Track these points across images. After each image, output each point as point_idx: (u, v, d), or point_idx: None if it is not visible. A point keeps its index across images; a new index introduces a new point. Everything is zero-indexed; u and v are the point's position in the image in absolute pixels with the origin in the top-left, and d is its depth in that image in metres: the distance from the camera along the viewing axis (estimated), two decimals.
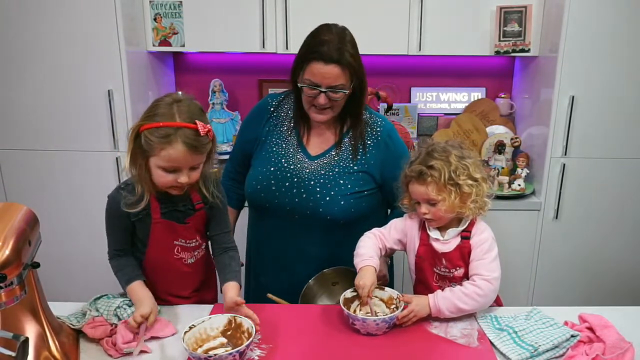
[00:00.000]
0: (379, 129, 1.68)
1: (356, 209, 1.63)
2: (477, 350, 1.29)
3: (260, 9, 2.49)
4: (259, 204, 1.68)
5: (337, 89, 1.53)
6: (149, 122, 1.32)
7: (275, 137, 1.69)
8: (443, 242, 1.45)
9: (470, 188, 1.39)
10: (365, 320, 1.31)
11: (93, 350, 1.29)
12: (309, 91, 1.54)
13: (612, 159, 2.48)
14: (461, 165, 1.40)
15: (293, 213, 1.63)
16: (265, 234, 1.73)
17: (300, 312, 1.47)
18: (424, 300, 1.39)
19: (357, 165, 1.64)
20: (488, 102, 2.89)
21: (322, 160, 1.65)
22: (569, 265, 2.61)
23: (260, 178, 1.66)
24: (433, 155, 1.42)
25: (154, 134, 1.30)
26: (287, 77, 1.65)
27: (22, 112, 2.45)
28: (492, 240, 1.44)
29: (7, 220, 1.12)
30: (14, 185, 2.54)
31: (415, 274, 1.54)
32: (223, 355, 1.17)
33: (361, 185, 1.64)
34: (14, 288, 1.08)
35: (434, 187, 1.39)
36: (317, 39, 1.53)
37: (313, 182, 1.62)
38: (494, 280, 1.39)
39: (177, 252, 1.47)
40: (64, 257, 2.56)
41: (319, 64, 1.50)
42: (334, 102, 1.57)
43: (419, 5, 2.48)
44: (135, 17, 2.48)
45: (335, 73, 1.50)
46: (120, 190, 1.41)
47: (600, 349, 1.24)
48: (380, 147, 1.66)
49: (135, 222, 1.42)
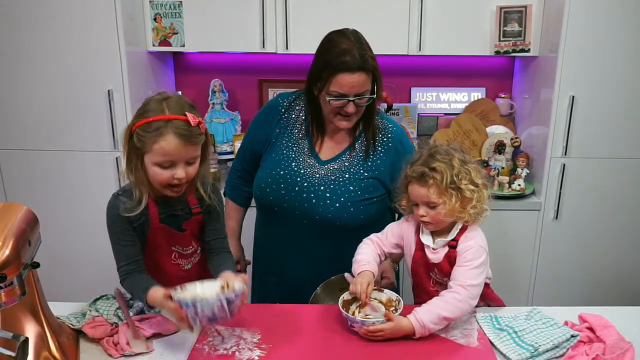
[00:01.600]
0: (390, 135, 1.67)
1: (365, 215, 1.62)
2: (477, 350, 1.29)
3: (260, 9, 2.49)
4: (267, 206, 1.67)
5: (364, 95, 1.52)
6: (139, 120, 1.32)
7: (286, 140, 1.67)
8: (433, 251, 1.43)
9: (472, 193, 1.37)
10: (364, 323, 1.31)
11: (93, 350, 1.29)
12: (336, 102, 1.52)
13: (612, 159, 2.48)
14: (464, 170, 1.37)
15: (302, 217, 1.62)
16: (272, 236, 1.72)
17: (300, 312, 1.47)
18: (404, 322, 1.31)
19: (368, 171, 1.63)
20: (488, 102, 2.89)
21: (332, 165, 1.64)
22: (569, 265, 2.61)
23: (270, 181, 1.64)
24: (436, 157, 1.38)
25: (145, 129, 1.30)
26: (287, 77, 1.66)
27: (22, 112, 2.45)
28: (479, 248, 1.37)
29: (7, 220, 1.12)
30: (14, 185, 2.54)
31: (412, 278, 1.52)
32: (210, 301, 1.20)
33: (371, 192, 1.63)
34: (14, 288, 1.08)
35: (435, 189, 1.36)
36: (338, 50, 1.49)
37: (323, 188, 1.61)
38: (470, 287, 1.33)
39: (174, 258, 1.47)
40: (64, 257, 2.56)
41: (346, 75, 1.48)
42: (360, 108, 1.56)
43: (419, 5, 2.48)
44: (135, 17, 2.48)
45: (362, 80, 1.50)
46: (118, 197, 1.40)
47: (600, 349, 1.24)
48: (391, 153, 1.65)
49: (137, 228, 1.41)
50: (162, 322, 1.36)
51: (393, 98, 2.87)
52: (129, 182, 1.41)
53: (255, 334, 1.33)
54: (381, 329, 1.30)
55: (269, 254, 1.75)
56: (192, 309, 1.21)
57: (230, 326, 1.35)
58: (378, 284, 1.60)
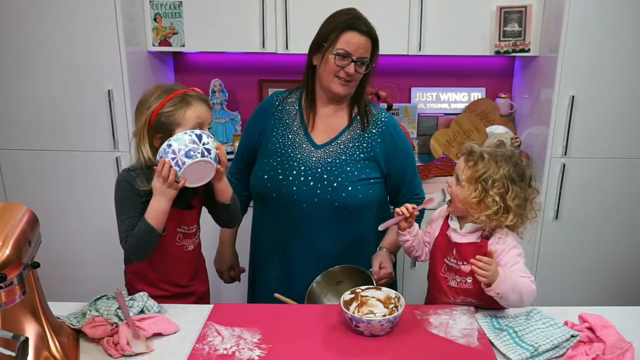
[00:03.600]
0: (383, 120, 1.72)
1: (363, 195, 1.64)
2: (477, 350, 1.29)
3: (260, 9, 2.49)
4: (266, 194, 1.69)
5: (364, 61, 1.60)
6: (159, 102, 1.41)
7: (282, 129, 1.72)
8: (460, 234, 1.46)
9: (494, 205, 1.38)
10: (370, 322, 1.31)
11: (93, 350, 1.29)
12: (340, 61, 1.58)
13: (612, 159, 2.48)
14: (504, 183, 1.38)
15: (301, 202, 1.64)
16: (272, 226, 1.73)
17: (300, 312, 1.47)
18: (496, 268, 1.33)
19: (363, 152, 1.67)
20: (488, 102, 2.89)
21: (328, 148, 1.68)
22: (569, 265, 2.61)
23: (267, 169, 1.68)
24: (497, 153, 1.41)
25: (172, 104, 1.41)
26: (287, 77, 1.67)
27: (22, 112, 2.45)
28: (519, 247, 1.43)
29: (7, 220, 1.12)
30: (14, 185, 2.54)
31: (429, 264, 1.56)
32: (180, 135, 1.34)
33: (368, 173, 1.66)
34: (14, 288, 1.08)
35: (468, 172, 1.41)
36: (349, 15, 1.61)
37: (320, 170, 1.64)
38: (532, 281, 1.38)
39: (179, 239, 1.51)
40: (64, 257, 2.56)
41: (355, 34, 1.58)
42: (357, 75, 1.63)
43: (419, 5, 2.48)
44: (135, 17, 2.48)
45: (367, 45, 1.60)
46: (130, 171, 1.45)
47: (600, 349, 1.24)
48: (385, 137, 1.70)
49: (144, 203, 1.43)
50: (162, 322, 1.36)
51: (393, 98, 2.87)
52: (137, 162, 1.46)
53: (255, 334, 1.33)
54: (488, 262, 1.31)
55: (269, 245, 1.76)
56: (167, 151, 1.32)
57: (230, 326, 1.36)
58: (377, 274, 1.61)
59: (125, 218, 1.44)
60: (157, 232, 1.40)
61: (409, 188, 1.75)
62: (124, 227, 1.44)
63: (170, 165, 1.33)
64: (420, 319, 1.41)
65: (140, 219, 1.41)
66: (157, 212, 1.39)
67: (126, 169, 1.49)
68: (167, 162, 1.33)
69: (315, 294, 1.60)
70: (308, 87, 1.71)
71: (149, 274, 1.53)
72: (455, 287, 1.46)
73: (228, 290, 2.10)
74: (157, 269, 1.52)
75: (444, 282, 1.48)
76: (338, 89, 1.63)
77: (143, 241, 1.41)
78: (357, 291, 1.42)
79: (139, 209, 1.43)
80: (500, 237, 1.43)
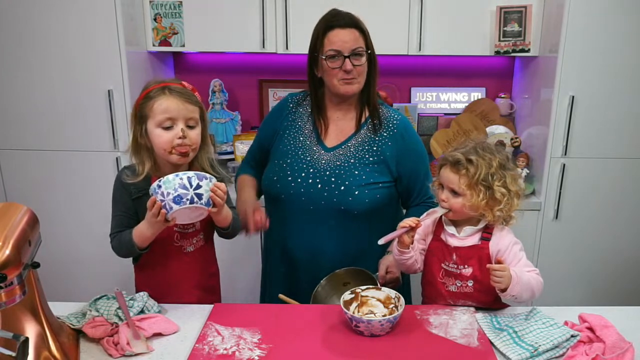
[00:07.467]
0: (395, 122, 1.71)
1: (370, 199, 1.63)
2: (477, 350, 1.29)
3: (260, 9, 2.50)
4: (275, 194, 1.70)
5: (358, 52, 1.58)
6: (141, 94, 1.44)
7: (294, 131, 1.73)
8: (458, 238, 1.45)
9: (502, 197, 1.39)
10: (370, 322, 1.31)
11: (93, 350, 1.29)
12: (333, 62, 1.58)
13: (612, 159, 2.48)
14: (500, 173, 1.40)
15: (308, 204, 1.64)
16: (281, 227, 1.72)
17: (300, 312, 1.47)
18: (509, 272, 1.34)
19: (373, 156, 1.66)
20: (488, 102, 2.89)
21: (338, 151, 1.68)
22: (569, 265, 2.61)
23: (277, 170, 1.69)
24: (478, 151, 1.41)
25: (147, 97, 1.42)
26: (287, 77, 1.68)
27: (23, 112, 2.45)
28: (518, 241, 1.44)
29: (7, 220, 1.12)
30: (14, 185, 2.54)
31: (424, 270, 1.54)
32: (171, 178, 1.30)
33: (376, 177, 1.65)
34: (14, 288, 1.08)
35: (465, 180, 1.39)
36: (328, 16, 1.61)
37: (329, 173, 1.65)
38: (538, 273, 1.41)
39: (176, 239, 1.50)
40: (64, 257, 2.56)
41: (335, 30, 1.57)
42: (359, 69, 1.60)
43: (419, 5, 2.49)
44: (135, 17, 2.48)
45: (353, 36, 1.58)
46: (124, 170, 1.48)
47: (600, 349, 1.23)
48: (397, 139, 1.69)
49: (135, 201, 1.45)
50: (162, 322, 1.36)
51: (393, 98, 2.88)
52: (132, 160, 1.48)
53: (255, 334, 1.33)
54: (502, 268, 1.33)
55: (278, 245, 1.76)
56: (157, 192, 1.30)
57: (230, 326, 1.35)
58: (383, 278, 1.61)
59: (115, 215, 1.48)
60: (138, 249, 1.43)
61: (420, 190, 1.73)
62: (113, 223, 1.49)
63: (157, 200, 1.31)
64: (420, 319, 1.41)
65: (129, 218, 1.45)
66: (143, 236, 1.41)
67: (123, 167, 1.51)
68: (158, 203, 1.31)
69: (320, 296, 1.60)
70: (311, 96, 1.72)
71: (150, 277, 1.52)
72: (455, 292, 1.45)
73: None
74: (158, 271, 1.51)
75: (443, 287, 1.46)
76: (345, 89, 1.63)
77: (123, 249, 1.46)
78: (357, 291, 1.42)
79: (129, 207, 1.46)
80: (500, 235, 1.43)
